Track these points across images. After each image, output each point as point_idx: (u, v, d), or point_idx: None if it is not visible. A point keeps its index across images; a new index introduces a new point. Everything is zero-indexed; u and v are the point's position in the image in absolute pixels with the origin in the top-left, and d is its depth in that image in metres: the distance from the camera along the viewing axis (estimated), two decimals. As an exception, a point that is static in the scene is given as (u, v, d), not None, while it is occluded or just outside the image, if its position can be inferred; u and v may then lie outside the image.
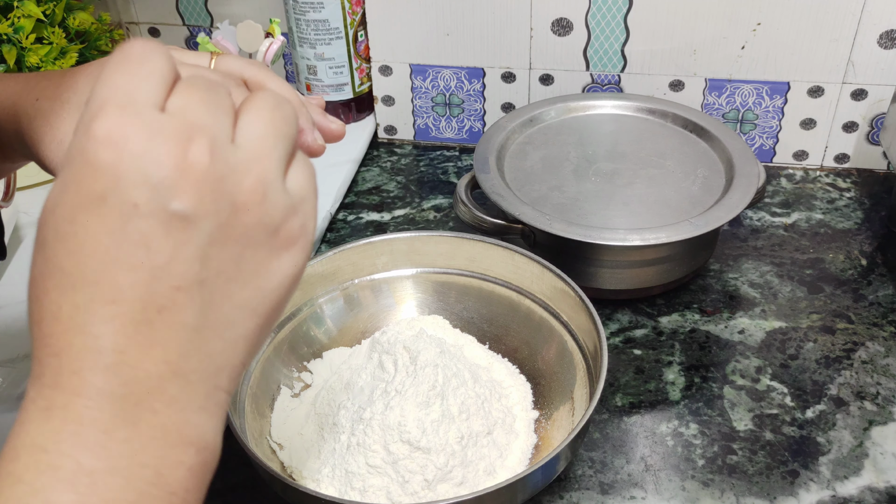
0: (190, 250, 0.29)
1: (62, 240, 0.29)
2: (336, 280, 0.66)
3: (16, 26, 0.76)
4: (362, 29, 0.91)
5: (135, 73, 0.30)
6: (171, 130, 0.29)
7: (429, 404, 0.55)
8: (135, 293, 0.29)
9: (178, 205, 0.29)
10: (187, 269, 0.29)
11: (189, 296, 0.30)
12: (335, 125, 0.45)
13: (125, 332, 0.29)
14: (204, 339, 0.30)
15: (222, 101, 0.32)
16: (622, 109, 0.85)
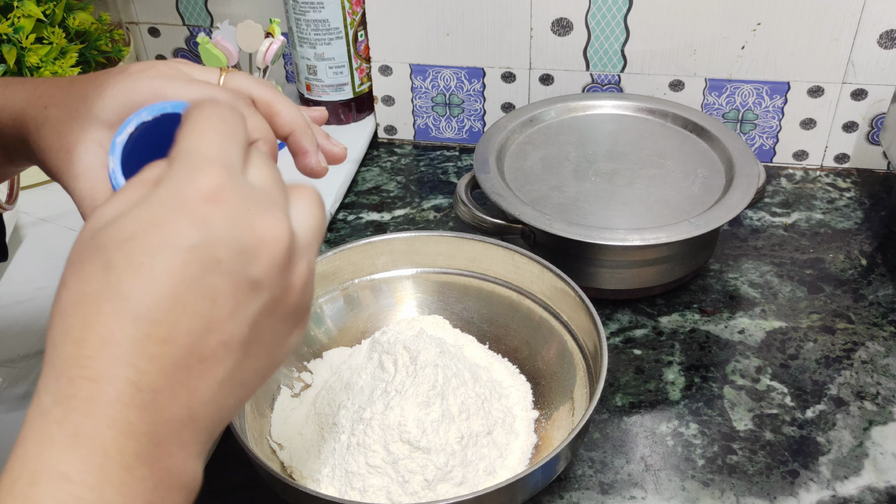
0: (246, 314, 0.32)
1: (135, 269, 0.30)
2: (336, 280, 0.66)
3: (16, 26, 0.76)
4: (362, 29, 0.91)
5: (227, 135, 0.33)
6: (262, 203, 0.32)
7: (429, 404, 0.55)
8: (187, 339, 0.30)
9: (254, 272, 0.32)
10: (237, 330, 0.32)
11: (229, 353, 0.32)
12: (338, 148, 0.46)
13: (166, 373, 0.30)
14: (223, 394, 0.32)
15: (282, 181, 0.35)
16: (622, 109, 0.85)
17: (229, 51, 0.85)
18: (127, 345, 0.29)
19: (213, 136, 0.33)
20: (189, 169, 0.32)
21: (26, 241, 0.80)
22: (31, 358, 0.67)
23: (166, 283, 0.30)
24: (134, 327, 0.29)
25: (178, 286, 0.30)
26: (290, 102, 0.46)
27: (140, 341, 0.29)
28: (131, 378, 0.29)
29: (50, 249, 0.78)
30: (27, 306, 0.72)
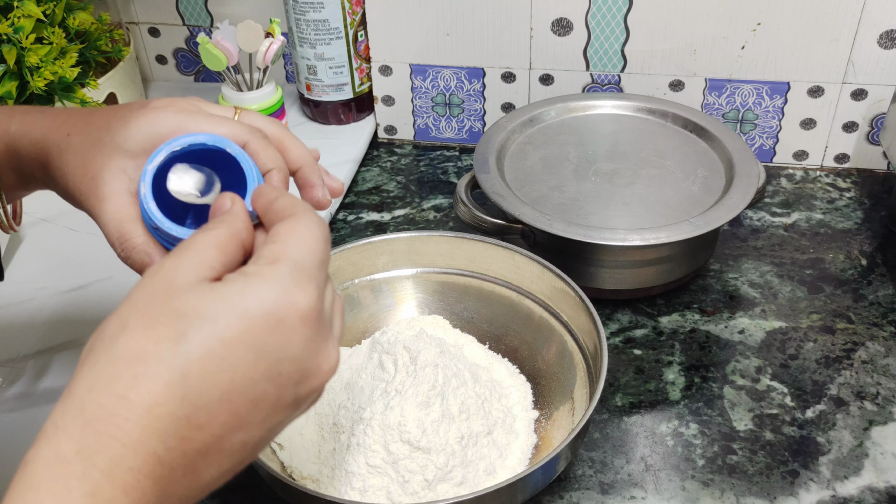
0: (274, 422, 0.34)
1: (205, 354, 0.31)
2: (336, 280, 0.66)
3: (16, 26, 0.76)
4: (362, 29, 0.91)
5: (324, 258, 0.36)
6: (328, 333, 0.35)
7: (429, 404, 0.55)
8: (218, 432, 0.31)
9: (302, 392, 0.34)
10: (260, 433, 0.33)
11: (243, 450, 0.33)
12: (337, 183, 0.50)
13: (188, 455, 0.31)
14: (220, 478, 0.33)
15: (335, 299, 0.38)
16: (622, 109, 0.85)
17: (229, 51, 0.85)
18: (167, 421, 0.30)
19: (316, 252, 0.35)
20: (293, 280, 0.33)
21: (26, 241, 0.80)
22: (31, 358, 0.67)
23: (227, 379, 0.31)
24: (180, 407, 0.30)
25: (235, 383, 0.31)
26: (298, 140, 0.48)
27: (179, 421, 0.30)
28: (158, 452, 0.30)
29: (50, 249, 0.78)
30: (27, 306, 0.72)
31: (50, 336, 0.69)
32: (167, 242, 0.43)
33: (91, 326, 0.73)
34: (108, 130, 0.45)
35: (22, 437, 0.60)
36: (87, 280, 0.75)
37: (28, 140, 0.47)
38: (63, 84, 0.79)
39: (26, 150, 0.47)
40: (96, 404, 0.30)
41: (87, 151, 0.45)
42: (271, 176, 0.45)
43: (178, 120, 0.45)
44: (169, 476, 0.30)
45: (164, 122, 0.44)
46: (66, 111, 0.48)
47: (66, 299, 0.73)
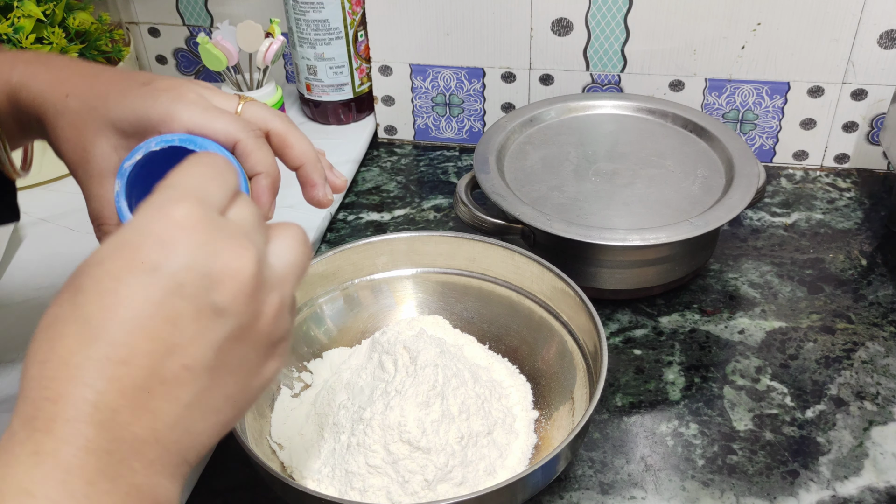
0: (210, 339, 0.32)
1: (100, 293, 0.31)
2: (336, 280, 0.66)
3: (16, 26, 0.76)
4: (362, 29, 0.91)
5: (212, 178, 0.35)
6: (231, 234, 0.33)
7: (429, 404, 0.55)
8: (146, 361, 0.31)
9: (218, 298, 0.32)
10: (202, 354, 0.32)
11: (193, 377, 0.32)
12: (339, 180, 0.50)
13: (125, 393, 0.31)
14: (191, 418, 0.33)
15: (263, 223, 0.37)
16: (622, 109, 0.85)
17: (229, 51, 0.85)
18: (86, 366, 0.30)
19: (198, 175, 0.35)
20: (165, 199, 0.33)
21: (26, 241, 0.80)
22: (31, 358, 0.67)
23: (128, 306, 0.31)
24: (94, 349, 0.30)
25: (139, 309, 0.31)
26: (303, 136, 0.48)
27: (99, 362, 0.30)
28: (88, 398, 0.30)
29: (50, 249, 0.78)
30: (27, 306, 0.72)
31: (50, 336, 0.69)
32: None
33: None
34: (105, 102, 0.45)
35: (22, 437, 0.60)
36: (87, 280, 0.75)
37: (27, 93, 0.46)
38: (63, 84, 0.79)
39: (25, 102, 0.47)
40: (28, 377, 0.31)
41: (81, 120, 0.45)
42: (258, 181, 0.44)
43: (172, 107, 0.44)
44: (113, 419, 0.30)
45: (157, 108, 0.44)
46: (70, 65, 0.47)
47: (66, 299, 0.73)
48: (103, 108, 0.45)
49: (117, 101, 0.45)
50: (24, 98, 0.47)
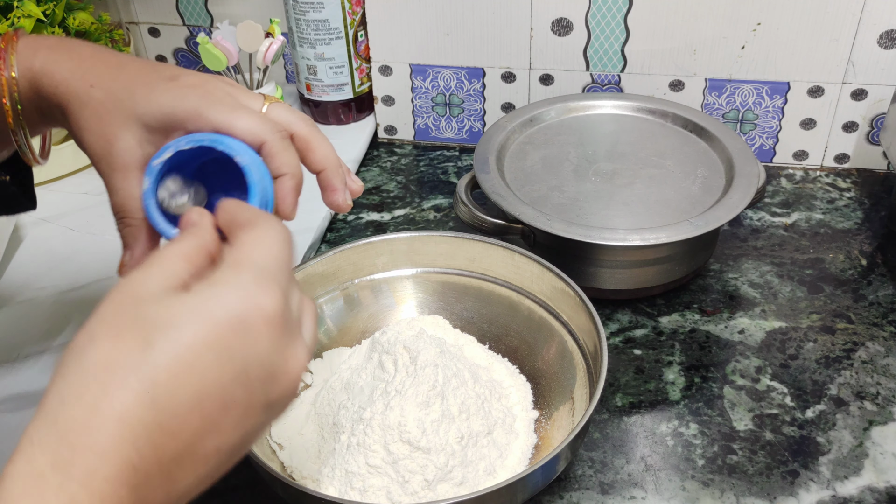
0: (248, 427, 0.34)
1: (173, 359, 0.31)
2: (336, 280, 0.66)
3: (16, 26, 0.76)
4: (362, 29, 0.91)
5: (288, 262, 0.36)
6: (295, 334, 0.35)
7: (429, 404, 0.55)
8: (190, 438, 0.31)
9: (272, 395, 0.34)
10: (236, 440, 0.33)
11: (218, 457, 0.33)
12: (356, 185, 0.50)
13: (161, 462, 0.31)
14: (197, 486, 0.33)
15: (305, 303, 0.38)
16: (622, 109, 0.85)
17: (229, 51, 0.85)
18: (139, 428, 0.30)
19: (279, 257, 0.36)
20: (256, 284, 0.34)
21: (26, 241, 0.80)
22: (31, 358, 0.67)
23: (196, 383, 0.31)
24: (151, 413, 0.30)
25: (206, 389, 0.31)
26: (326, 140, 0.48)
27: (151, 429, 0.30)
28: (133, 460, 0.30)
29: (50, 249, 0.78)
30: (27, 306, 0.72)
31: (50, 336, 0.69)
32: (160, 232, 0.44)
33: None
34: (132, 95, 0.44)
35: (22, 437, 0.60)
36: (87, 280, 0.75)
37: (50, 81, 0.45)
38: (63, 84, 0.79)
39: (47, 90, 0.46)
40: (68, 416, 0.30)
41: (106, 111, 0.44)
42: (283, 181, 0.44)
43: (200, 105, 0.43)
44: (145, 483, 0.30)
45: (185, 104, 0.44)
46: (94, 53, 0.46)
47: (66, 299, 0.73)
48: (129, 101, 0.44)
49: (144, 94, 0.44)
50: (47, 85, 0.46)
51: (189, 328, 0.32)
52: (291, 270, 0.37)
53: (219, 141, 0.43)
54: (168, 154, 0.42)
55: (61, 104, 0.46)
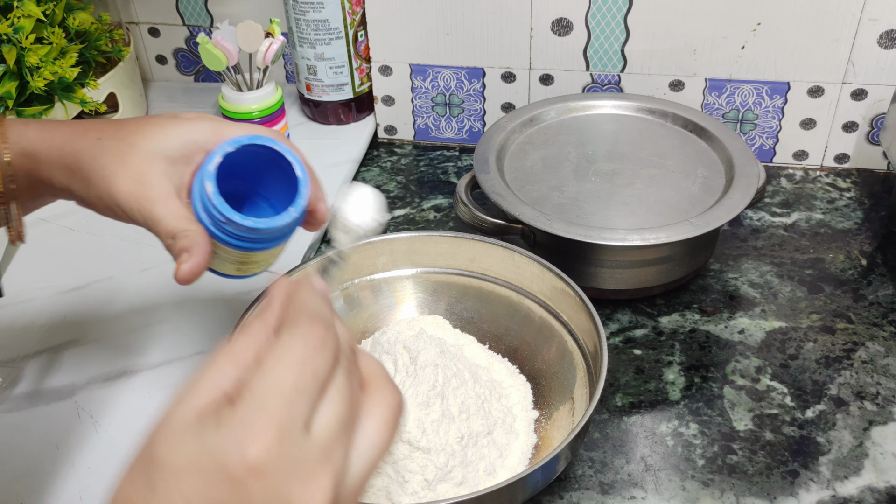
0: None
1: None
2: (336, 280, 0.66)
3: (16, 26, 0.76)
4: (362, 29, 0.91)
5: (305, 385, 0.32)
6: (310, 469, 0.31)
7: (429, 404, 0.55)
8: None
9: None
10: None
11: None
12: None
13: None
14: None
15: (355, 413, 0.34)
16: (622, 109, 0.85)
17: (229, 51, 0.85)
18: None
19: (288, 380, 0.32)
20: (244, 429, 0.30)
21: (27, 240, 0.79)
22: (31, 358, 0.67)
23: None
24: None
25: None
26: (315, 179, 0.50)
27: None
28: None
29: (50, 249, 0.78)
30: (27, 306, 0.72)
31: (50, 336, 0.69)
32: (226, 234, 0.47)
33: (91, 326, 0.73)
34: (145, 136, 0.47)
35: (22, 438, 0.60)
36: (87, 280, 0.75)
37: (50, 145, 0.47)
38: (63, 84, 0.79)
39: (47, 154, 0.47)
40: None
41: (125, 154, 0.46)
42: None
43: (214, 127, 0.47)
44: None
45: (201, 131, 0.47)
46: (88, 122, 0.49)
47: (66, 299, 0.73)
48: (144, 142, 0.47)
49: (158, 133, 0.47)
50: (46, 150, 0.47)
51: (184, 476, 0.30)
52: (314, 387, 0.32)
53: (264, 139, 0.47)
54: (218, 158, 0.46)
55: (67, 162, 0.47)
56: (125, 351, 0.67)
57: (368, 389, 0.34)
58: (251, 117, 0.88)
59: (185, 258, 0.46)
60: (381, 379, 0.35)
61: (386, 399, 0.34)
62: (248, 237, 0.47)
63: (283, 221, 0.47)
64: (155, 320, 0.70)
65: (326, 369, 0.33)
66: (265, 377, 0.32)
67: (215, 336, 0.68)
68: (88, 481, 0.57)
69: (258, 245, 0.49)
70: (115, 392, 0.64)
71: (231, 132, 0.47)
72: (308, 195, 0.48)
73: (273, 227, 0.47)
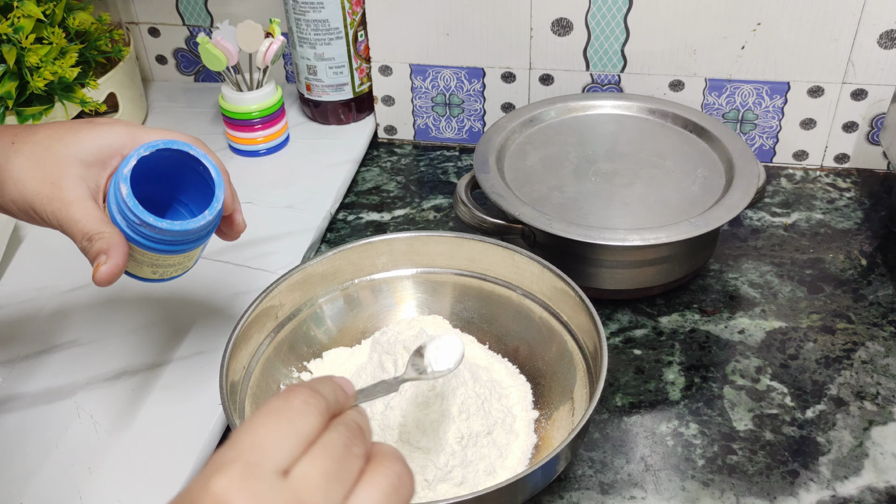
0: None
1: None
2: (336, 280, 0.66)
3: (16, 26, 0.76)
4: (362, 29, 0.91)
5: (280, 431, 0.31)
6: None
7: (428, 404, 0.55)
8: None
9: None
10: None
11: None
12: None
13: None
14: None
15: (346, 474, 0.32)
16: (622, 109, 0.85)
17: (229, 51, 0.85)
18: None
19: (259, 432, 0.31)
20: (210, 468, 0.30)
21: (26, 241, 0.80)
22: (31, 358, 0.67)
23: None
24: None
25: None
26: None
27: None
28: None
29: (50, 249, 0.78)
30: (27, 306, 0.72)
31: (50, 336, 0.69)
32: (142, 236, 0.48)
33: (91, 326, 0.73)
34: (59, 140, 0.48)
35: (22, 437, 0.60)
36: (87, 280, 0.74)
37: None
38: (63, 84, 0.79)
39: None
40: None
41: (39, 158, 0.47)
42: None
43: (130, 132, 0.48)
44: None
45: (116, 135, 0.48)
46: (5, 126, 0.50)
47: (66, 299, 0.73)
48: (59, 145, 0.47)
49: (74, 138, 0.48)
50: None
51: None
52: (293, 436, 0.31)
53: (176, 142, 0.48)
54: (133, 161, 0.46)
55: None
56: (125, 351, 0.67)
57: (374, 459, 0.33)
58: (251, 117, 0.88)
59: (102, 260, 0.46)
60: (391, 455, 0.34)
61: (393, 471, 0.33)
62: (164, 239, 0.48)
63: (196, 224, 0.48)
64: (155, 320, 0.70)
65: (308, 425, 0.32)
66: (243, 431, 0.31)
67: (215, 336, 0.68)
68: (88, 481, 0.57)
69: (174, 248, 0.49)
70: (115, 392, 0.64)
71: (147, 137, 0.48)
72: (223, 199, 0.49)
73: (187, 229, 0.48)
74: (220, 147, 0.93)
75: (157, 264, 0.51)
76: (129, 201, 0.46)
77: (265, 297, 0.61)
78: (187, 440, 0.60)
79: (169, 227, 0.47)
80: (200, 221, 0.48)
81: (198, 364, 0.66)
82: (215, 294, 0.73)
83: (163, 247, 0.48)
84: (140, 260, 0.50)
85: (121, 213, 0.47)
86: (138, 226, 0.47)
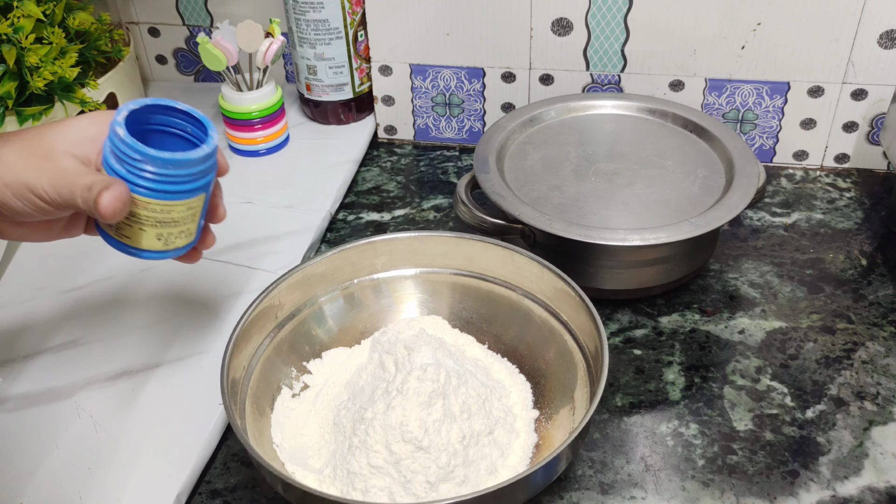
0: None
1: None
2: (336, 280, 0.66)
3: (16, 26, 0.76)
4: (362, 29, 0.91)
5: None
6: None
7: (430, 404, 0.55)
8: None
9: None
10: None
11: None
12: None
13: None
14: None
15: None
16: (622, 109, 0.85)
17: (229, 51, 0.85)
18: None
19: None
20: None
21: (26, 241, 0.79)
22: (31, 358, 0.67)
23: None
24: None
25: None
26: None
27: None
28: None
29: (50, 249, 0.78)
30: (27, 306, 0.72)
31: (50, 336, 0.69)
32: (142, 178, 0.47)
33: (91, 326, 0.73)
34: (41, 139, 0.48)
35: (22, 437, 0.60)
36: (87, 280, 0.75)
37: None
38: (63, 84, 0.79)
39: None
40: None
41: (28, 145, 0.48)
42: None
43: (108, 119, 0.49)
44: None
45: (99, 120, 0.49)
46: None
47: (66, 299, 0.73)
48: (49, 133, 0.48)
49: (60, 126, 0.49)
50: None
51: None
52: None
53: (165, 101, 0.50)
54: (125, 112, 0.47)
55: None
56: (125, 351, 0.67)
57: None
58: (251, 117, 0.88)
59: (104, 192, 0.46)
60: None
61: None
62: (165, 178, 0.48)
63: (195, 155, 0.48)
64: (155, 320, 0.70)
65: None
66: None
67: (215, 336, 0.68)
68: (88, 481, 0.57)
69: (176, 189, 0.49)
70: (115, 392, 0.64)
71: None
72: (216, 138, 0.50)
73: (187, 159, 0.48)
74: (221, 147, 0.93)
75: (161, 222, 0.49)
76: (127, 139, 0.46)
77: (265, 297, 0.61)
78: (187, 440, 0.60)
79: (170, 158, 0.47)
80: (199, 153, 0.48)
81: (198, 364, 0.66)
82: (215, 294, 0.73)
83: (165, 187, 0.48)
84: (143, 220, 0.49)
85: (119, 158, 0.47)
86: (138, 162, 0.47)
